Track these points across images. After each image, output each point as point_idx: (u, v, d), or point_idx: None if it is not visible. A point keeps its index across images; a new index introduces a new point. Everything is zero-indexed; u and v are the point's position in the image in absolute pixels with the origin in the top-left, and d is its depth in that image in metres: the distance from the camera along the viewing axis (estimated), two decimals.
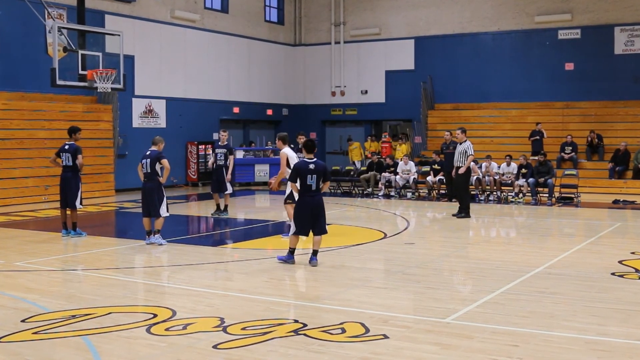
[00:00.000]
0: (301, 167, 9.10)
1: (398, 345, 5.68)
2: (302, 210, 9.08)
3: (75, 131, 12.10)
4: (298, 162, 9.30)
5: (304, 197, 9.08)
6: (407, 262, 9.49)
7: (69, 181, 11.78)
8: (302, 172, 9.06)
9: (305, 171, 9.03)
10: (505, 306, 6.98)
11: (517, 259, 9.70)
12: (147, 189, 10.96)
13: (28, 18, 17.14)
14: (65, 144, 11.95)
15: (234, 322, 6.32)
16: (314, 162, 9.09)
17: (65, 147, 11.89)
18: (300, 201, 9.14)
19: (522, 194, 17.73)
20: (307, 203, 9.05)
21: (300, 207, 9.11)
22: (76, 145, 11.93)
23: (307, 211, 9.05)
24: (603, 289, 7.74)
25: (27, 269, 9.12)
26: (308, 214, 9.04)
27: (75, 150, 11.81)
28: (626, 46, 22.34)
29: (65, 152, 11.85)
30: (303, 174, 9.04)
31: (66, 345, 5.76)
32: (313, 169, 9.04)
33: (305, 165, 9.06)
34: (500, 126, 23.57)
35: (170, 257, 10.17)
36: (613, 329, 6.18)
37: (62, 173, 11.93)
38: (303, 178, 9.04)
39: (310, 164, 9.06)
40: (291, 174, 9.27)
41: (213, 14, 24.47)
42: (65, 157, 11.82)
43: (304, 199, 9.07)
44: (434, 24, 25.25)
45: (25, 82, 18.55)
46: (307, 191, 9.06)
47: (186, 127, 22.84)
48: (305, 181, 9.03)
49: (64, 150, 11.88)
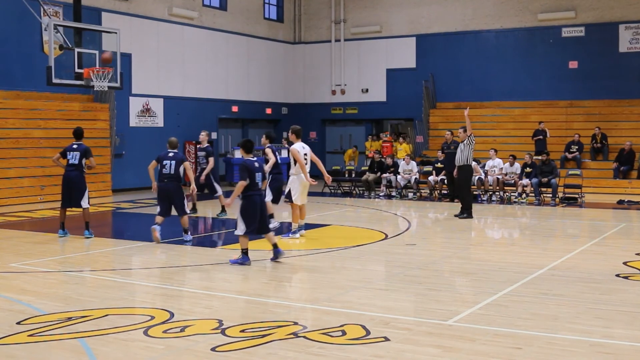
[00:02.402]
0: (251, 166, 9.20)
1: (399, 347, 5.64)
2: (253, 209, 9.17)
3: (83, 133, 12.02)
4: (248, 161, 9.30)
5: (253, 195, 9.18)
6: (409, 264, 9.44)
7: (75, 180, 11.60)
8: (252, 171, 9.17)
9: (254, 170, 9.19)
10: (508, 308, 6.93)
11: (520, 260, 9.64)
12: (172, 189, 11.29)
13: (23, 15, 17.07)
14: (74, 143, 11.79)
15: (233, 325, 6.27)
16: (257, 161, 9.35)
17: (73, 147, 11.73)
18: (250, 200, 9.18)
19: (526, 194, 17.63)
20: (256, 202, 9.19)
21: (251, 206, 9.17)
22: (86, 146, 11.84)
23: (257, 210, 9.18)
24: (607, 291, 7.69)
25: (23, 270, 9.06)
26: (258, 212, 9.19)
27: (85, 150, 11.70)
28: (631, 44, 22.22)
29: (73, 151, 11.68)
30: (253, 173, 9.16)
31: (62, 348, 5.72)
32: (258, 167, 9.29)
33: (253, 164, 9.22)
34: (503, 125, 23.49)
35: (167, 259, 10.12)
36: (618, 331, 6.14)
37: (67, 172, 11.68)
38: (253, 177, 9.16)
39: (255, 163, 9.26)
40: (242, 173, 9.23)
41: (211, 12, 24.39)
42: (73, 156, 11.63)
43: (254, 198, 9.18)
44: (436, 21, 25.16)
45: (20, 81, 18.46)
46: (255, 189, 9.20)
47: (184, 126, 22.73)
48: (254, 179, 9.17)
49: (72, 149, 11.70)
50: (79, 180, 11.65)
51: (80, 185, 11.64)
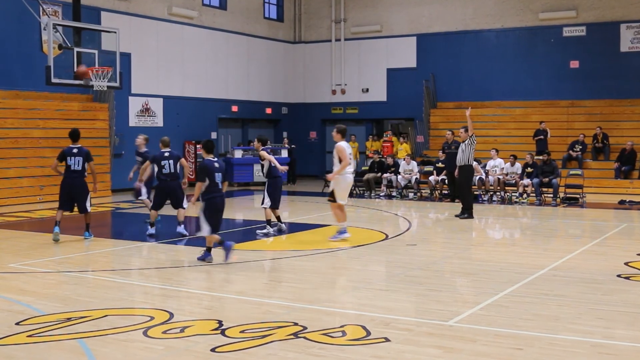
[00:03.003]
0: (211, 166, 9.22)
1: (400, 348, 5.62)
2: (214, 209, 9.24)
3: (80, 134, 11.49)
4: (207, 161, 9.34)
5: (213, 197, 9.23)
6: (409, 264, 9.41)
7: (79, 187, 11.17)
8: (211, 171, 9.19)
9: (214, 170, 9.22)
10: (509, 309, 6.91)
11: (521, 261, 9.61)
12: (176, 186, 11.52)
13: (22, 15, 17.05)
14: (73, 147, 11.21)
15: (233, 325, 6.25)
16: (218, 161, 9.37)
17: (73, 151, 11.14)
18: (211, 201, 9.24)
19: (527, 195, 17.59)
20: (217, 202, 9.25)
21: (212, 206, 9.24)
22: (86, 148, 11.38)
23: (217, 210, 9.27)
24: (609, 291, 7.66)
25: (22, 270, 9.03)
26: (220, 213, 9.31)
27: (87, 154, 11.21)
28: (632, 44, 22.18)
29: (74, 156, 11.10)
30: (212, 173, 9.19)
31: (61, 349, 5.69)
32: (218, 167, 9.31)
33: (212, 164, 9.25)
34: (504, 125, 23.45)
35: (167, 259, 10.09)
36: (619, 332, 6.12)
37: (70, 178, 11.13)
38: (212, 177, 9.19)
39: (215, 163, 9.29)
40: (200, 174, 9.27)
41: (211, 11, 24.36)
42: (75, 162, 11.08)
43: (214, 199, 9.23)
44: (437, 21, 25.13)
45: (19, 80, 18.44)
46: (216, 190, 9.24)
47: (184, 126, 22.72)
48: (214, 179, 9.20)
49: (72, 154, 11.12)
50: (83, 187, 11.25)
51: (84, 191, 11.28)
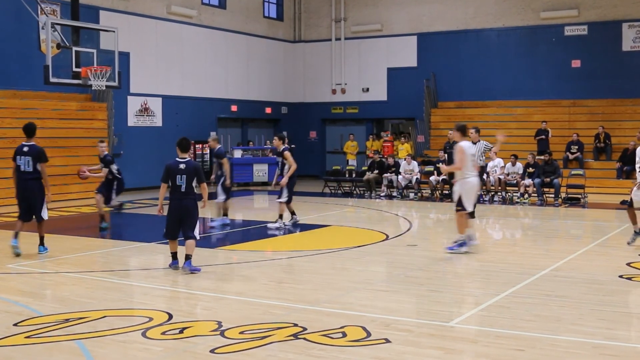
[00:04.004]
0: (171, 167, 8.76)
1: (400, 349, 5.60)
2: (169, 213, 8.80)
3: (35, 129, 10.10)
4: (171, 162, 8.90)
5: (171, 199, 8.78)
6: (410, 265, 9.38)
7: (33, 189, 9.85)
8: (172, 172, 8.73)
9: (176, 171, 8.71)
10: (510, 309, 6.88)
11: (522, 261, 9.58)
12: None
13: (20, 14, 17.03)
14: (24, 144, 9.87)
15: (232, 326, 6.23)
16: (185, 162, 8.74)
17: (24, 149, 9.80)
18: (170, 204, 8.81)
19: (528, 195, 17.54)
20: (174, 206, 8.72)
21: (170, 210, 8.80)
22: (39, 147, 9.95)
23: (175, 214, 8.72)
24: (611, 292, 7.64)
25: (20, 271, 9.01)
26: (177, 217, 8.71)
27: (39, 152, 9.81)
28: (634, 43, 22.14)
29: (24, 155, 9.78)
30: (173, 174, 8.72)
31: (59, 350, 5.68)
32: (183, 169, 8.69)
33: (176, 165, 8.74)
34: (505, 125, 23.31)
35: (166, 260, 10.01)
36: (621, 333, 6.12)
37: (22, 181, 9.86)
38: (173, 179, 8.72)
39: (181, 164, 8.71)
40: (163, 175, 8.85)
41: (210, 10, 24.33)
42: (25, 162, 9.79)
43: (171, 201, 8.78)
44: (437, 20, 25.09)
45: (17, 80, 18.40)
46: (176, 193, 8.69)
47: (183, 126, 22.62)
48: (175, 182, 8.67)
49: (22, 152, 9.81)
50: (37, 191, 9.88)
51: (38, 195, 9.90)
